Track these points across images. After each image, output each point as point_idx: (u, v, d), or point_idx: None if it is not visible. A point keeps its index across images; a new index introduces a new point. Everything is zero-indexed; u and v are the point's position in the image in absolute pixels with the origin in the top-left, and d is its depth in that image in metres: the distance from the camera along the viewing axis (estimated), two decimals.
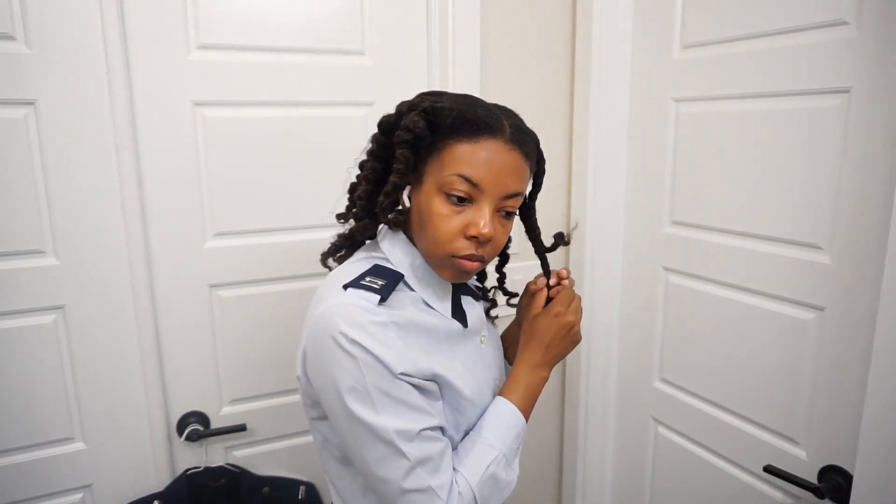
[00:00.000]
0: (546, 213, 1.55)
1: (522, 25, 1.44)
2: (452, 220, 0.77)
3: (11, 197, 1.08)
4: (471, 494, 0.78)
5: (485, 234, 0.76)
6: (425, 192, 0.79)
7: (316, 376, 0.77)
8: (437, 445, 0.77)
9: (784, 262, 1.13)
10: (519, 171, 0.79)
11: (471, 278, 0.85)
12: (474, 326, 0.90)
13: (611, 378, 1.58)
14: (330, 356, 0.74)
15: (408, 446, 0.74)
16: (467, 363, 0.85)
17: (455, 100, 0.80)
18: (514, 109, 0.85)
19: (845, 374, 1.05)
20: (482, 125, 0.76)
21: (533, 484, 1.70)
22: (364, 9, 1.30)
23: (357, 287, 0.77)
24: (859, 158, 0.99)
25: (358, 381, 0.73)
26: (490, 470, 0.81)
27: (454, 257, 0.78)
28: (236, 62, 1.21)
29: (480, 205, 0.77)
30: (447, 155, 0.77)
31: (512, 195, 0.78)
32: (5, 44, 1.04)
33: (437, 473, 0.76)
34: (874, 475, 0.95)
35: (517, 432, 0.86)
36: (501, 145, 0.76)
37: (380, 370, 0.73)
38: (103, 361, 1.19)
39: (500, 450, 0.83)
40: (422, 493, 0.75)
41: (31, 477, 1.16)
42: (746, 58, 1.15)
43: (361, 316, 0.74)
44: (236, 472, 1.30)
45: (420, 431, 0.75)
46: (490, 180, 0.76)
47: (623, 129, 1.45)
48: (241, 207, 1.26)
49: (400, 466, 0.74)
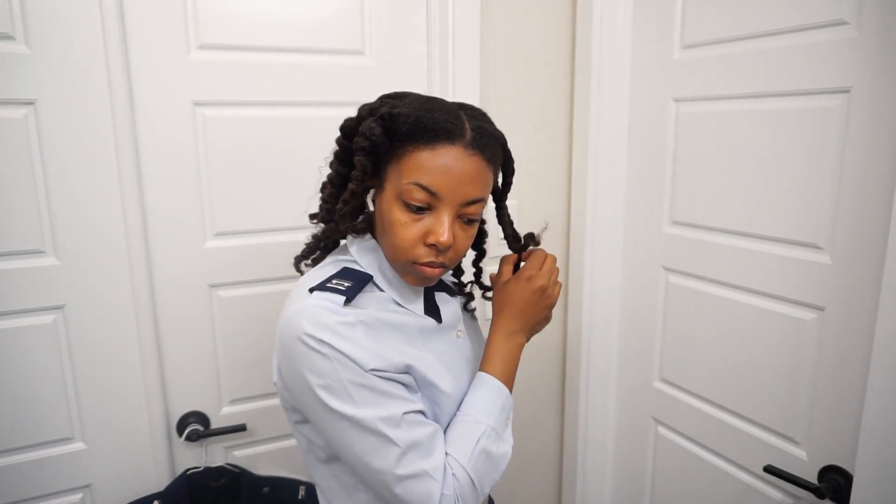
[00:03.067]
0: (546, 214, 1.56)
1: (522, 25, 1.44)
2: (411, 228, 0.77)
3: (11, 197, 1.08)
4: (465, 474, 0.78)
5: (443, 243, 0.76)
6: (386, 199, 0.79)
7: (290, 381, 0.77)
8: (424, 429, 0.77)
9: (784, 262, 1.12)
10: (480, 176, 0.77)
11: (434, 283, 0.85)
12: (449, 321, 0.90)
13: (611, 378, 1.58)
14: (300, 359, 0.74)
15: (395, 432, 0.74)
16: (443, 358, 0.85)
17: (414, 104, 0.78)
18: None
19: (845, 374, 1.05)
20: (440, 131, 0.74)
21: (533, 484, 1.70)
22: (364, 9, 1.30)
23: (322, 290, 0.77)
24: (859, 158, 0.99)
25: (332, 378, 0.73)
26: (480, 445, 0.80)
27: (415, 264, 0.78)
28: (236, 62, 1.21)
29: (439, 212, 0.76)
30: (405, 162, 0.76)
31: (472, 202, 0.78)
32: (5, 44, 1.04)
33: (430, 457, 0.76)
34: (874, 475, 0.95)
35: (501, 403, 0.84)
36: (461, 151, 0.75)
37: (351, 367, 0.73)
38: (103, 361, 1.19)
39: (486, 424, 0.81)
40: (417, 479, 0.74)
41: (31, 477, 1.16)
42: (746, 58, 1.15)
43: (327, 317, 0.74)
44: (236, 472, 1.30)
45: (403, 415, 0.75)
46: (449, 188, 0.75)
47: (623, 129, 1.45)
48: (241, 207, 1.26)
49: (391, 454, 0.74)
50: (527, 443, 1.65)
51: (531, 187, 1.51)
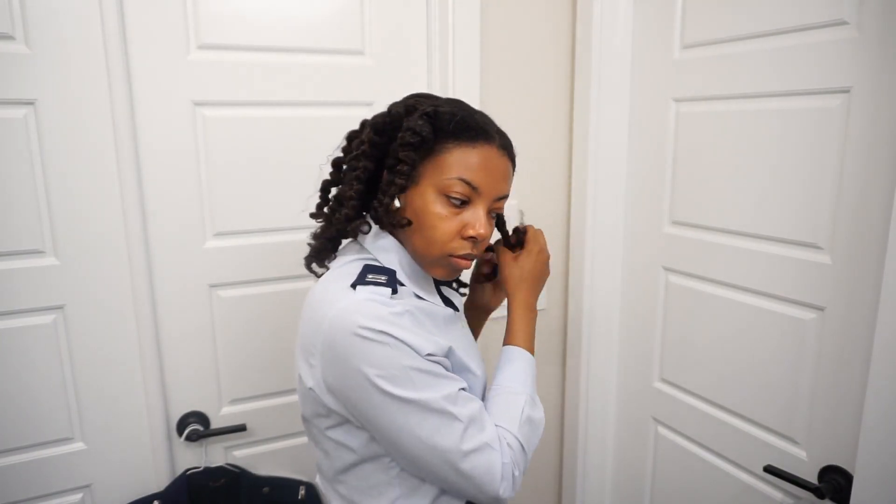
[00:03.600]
0: (546, 213, 1.56)
1: (522, 25, 1.44)
2: (451, 222, 0.81)
3: (11, 197, 1.08)
4: (517, 442, 0.82)
5: (483, 235, 0.81)
6: (421, 194, 0.82)
7: (342, 380, 0.76)
8: (475, 404, 0.81)
9: (784, 262, 1.12)
10: (508, 174, 0.85)
11: (459, 275, 0.91)
12: (461, 312, 0.96)
13: (611, 378, 1.58)
14: (356, 354, 0.74)
15: (456, 408, 0.77)
16: (461, 344, 0.88)
17: (451, 105, 0.84)
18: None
19: (845, 374, 1.05)
20: (480, 131, 0.81)
21: (533, 484, 1.69)
22: (364, 9, 1.30)
23: (365, 284, 0.79)
24: (859, 158, 0.99)
25: (392, 366, 0.74)
26: (525, 414, 0.85)
27: (451, 256, 0.82)
28: (236, 62, 1.21)
29: (476, 207, 0.82)
30: (447, 158, 0.80)
31: (502, 197, 0.85)
32: (5, 44, 1.04)
33: (485, 429, 0.79)
34: (874, 475, 0.95)
35: (532, 372, 0.91)
36: (495, 151, 0.82)
37: (410, 353, 0.75)
38: (103, 361, 1.18)
39: (525, 393, 0.87)
40: (480, 452, 0.78)
41: (31, 477, 1.16)
42: (746, 58, 1.15)
43: (380, 309, 0.76)
44: (236, 472, 1.30)
45: (459, 391, 0.79)
46: (487, 183, 0.81)
47: (623, 129, 1.45)
48: (241, 207, 1.26)
49: (456, 430, 0.76)
50: None
51: (531, 187, 1.51)
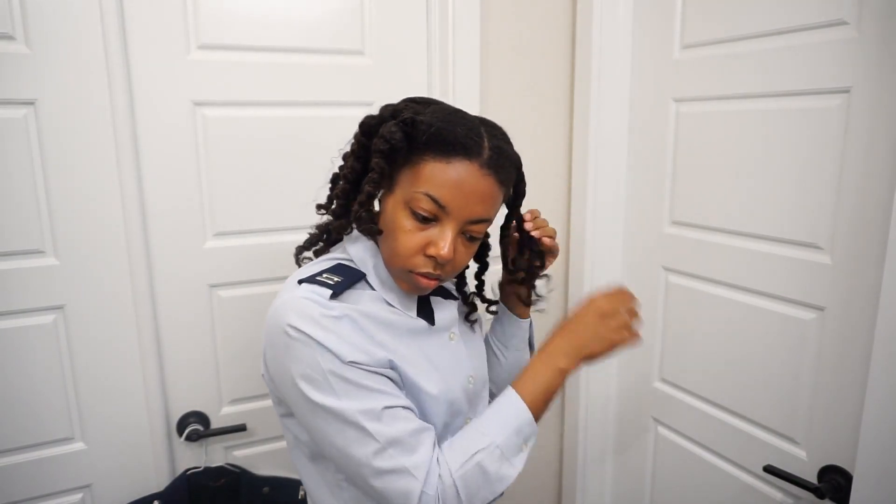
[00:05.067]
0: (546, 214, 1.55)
1: (522, 25, 1.44)
2: (414, 237, 0.77)
3: (11, 197, 1.08)
4: (451, 481, 0.74)
5: (443, 256, 0.76)
6: (392, 203, 0.79)
7: (275, 371, 0.79)
8: (407, 425, 0.75)
9: (784, 262, 1.12)
10: (490, 197, 0.77)
11: (427, 293, 0.84)
12: (443, 324, 0.88)
13: (611, 378, 1.58)
14: (283, 349, 0.75)
15: (375, 425, 0.73)
16: (432, 357, 0.84)
17: (438, 114, 0.77)
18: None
19: (845, 374, 1.05)
20: (458, 146, 0.74)
21: (533, 484, 1.70)
22: (364, 9, 1.30)
23: (311, 282, 0.78)
24: (859, 158, 0.99)
25: (313, 369, 0.73)
26: (477, 458, 0.76)
27: (411, 272, 0.78)
28: (236, 62, 1.21)
29: (444, 226, 0.76)
30: (419, 170, 0.75)
31: (478, 220, 0.78)
32: (5, 44, 1.04)
33: (412, 454, 0.74)
34: (874, 475, 0.95)
35: (517, 425, 0.79)
36: (476, 169, 0.75)
37: (330, 358, 0.73)
38: (103, 361, 1.19)
39: (492, 440, 0.77)
40: (396, 474, 0.73)
41: (31, 477, 1.16)
42: (746, 58, 1.15)
43: (311, 308, 0.75)
44: (236, 472, 1.30)
45: (384, 409, 0.74)
46: (457, 203, 0.75)
47: (623, 129, 1.45)
48: (241, 207, 1.26)
49: (369, 448, 0.73)
50: None
51: (531, 187, 1.50)
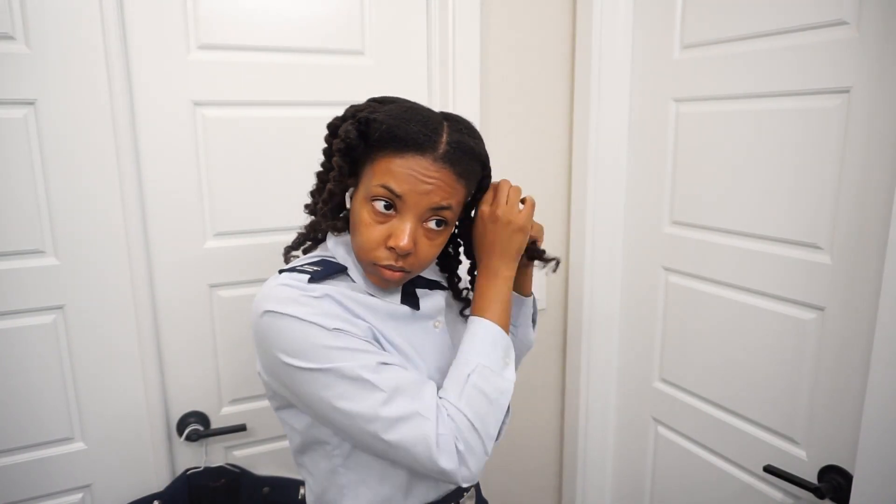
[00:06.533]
0: (546, 213, 1.56)
1: (522, 25, 1.44)
2: (375, 230, 0.79)
3: (11, 197, 1.08)
4: (460, 414, 0.76)
5: (401, 247, 0.77)
6: (357, 200, 0.82)
7: (264, 360, 0.80)
8: (408, 375, 0.77)
9: (784, 262, 1.12)
10: (447, 186, 0.78)
11: (394, 286, 0.85)
12: (427, 311, 0.89)
13: (611, 378, 1.58)
14: (268, 334, 0.77)
15: (376, 376, 0.74)
16: (414, 343, 0.85)
17: (393, 112, 0.79)
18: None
19: (845, 374, 1.05)
20: (410, 142, 0.76)
21: (533, 484, 1.70)
22: (364, 9, 1.30)
23: (290, 271, 0.81)
24: (859, 158, 0.99)
25: (300, 343, 0.75)
26: (470, 382, 0.78)
27: (375, 265, 0.80)
28: (236, 62, 1.21)
29: (403, 217, 0.78)
30: (375, 166, 0.78)
31: (437, 208, 0.78)
32: (5, 44, 1.04)
33: (418, 399, 0.75)
34: (874, 475, 0.95)
35: (492, 339, 0.83)
36: (429, 163, 0.76)
37: (315, 329, 0.75)
38: (103, 361, 1.19)
39: (476, 362, 0.80)
40: (407, 420, 0.74)
41: (31, 477, 1.16)
42: (746, 58, 1.15)
43: (289, 291, 0.77)
44: (236, 472, 1.30)
45: (380, 364, 0.76)
46: (413, 193, 0.77)
47: (623, 129, 1.45)
48: (241, 207, 1.26)
49: (376, 398, 0.74)
50: (527, 442, 1.65)
51: (531, 187, 1.51)
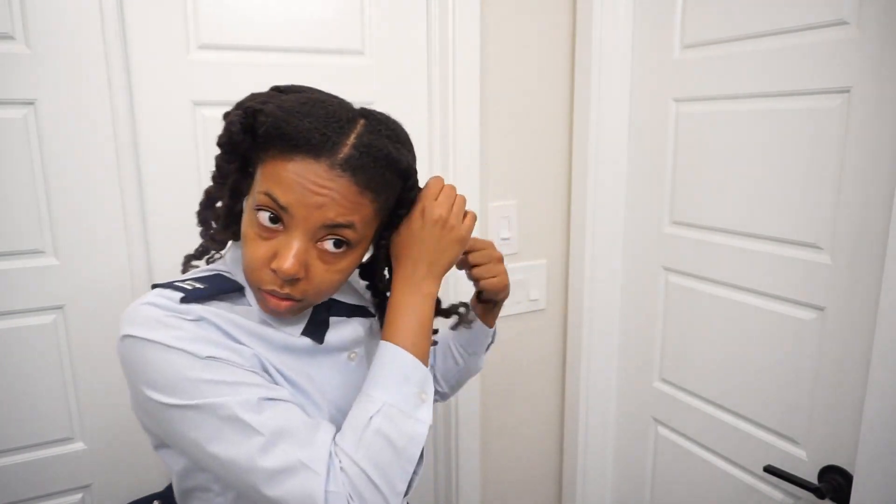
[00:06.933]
0: (546, 213, 1.56)
1: (522, 25, 1.44)
2: (260, 247, 0.65)
3: (11, 197, 1.08)
4: (354, 466, 0.62)
5: (284, 270, 0.63)
6: (246, 209, 0.68)
7: (130, 390, 0.66)
8: (297, 415, 0.64)
9: (784, 262, 1.12)
10: (345, 200, 0.63)
11: (287, 317, 0.70)
12: (339, 343, 0.76)
13: (611, 378, 1.58)
14: (129, 363, 0.64)
15: (255, 417, 0.61)
16: (317, 379, 0.72)
17: (289, 104, 0.64)
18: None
19: (845, 374, 1.05)
20: (300, 141, 0.61)
21: (533, 484, 1.70)
22: (364, 9, 1.30)
23: (164, 287, 0.67)
24: (859, 158, 0.99)
25: (164, 375, 0.61)
26: (373, 425, 0.64)
27: (260, 290, 0.66)
28: (236, 62, 1.21)
29: (290, 234, 0.64)
30: (263, 168, 0.65)
31: (333, 226, 0.64)
32: (5, 44, 1.04)
33: (308, 447, 0.62)
34: (874, 475, 0.95)
35: (405, 373, 0.68)
36: (323, 170, 0.62)
37: (183, 359, 0.61)
38: (103, 361, 1.18)
39: (381, 400, 0.66)
40: (290, 472, 0.60)
41: (31, 477, 1.16)
42: (746, 58, 1.15)
43: (155, 312, 0.63)
44: None
45: (262, 399, 0.62)
46: (301, 206, 0.62)
47: (623, 129, 1.45)
48: None
49: (254, 444, 0.61)
50: (526, 443, 1.65)
51: (531, 187, 1.51)
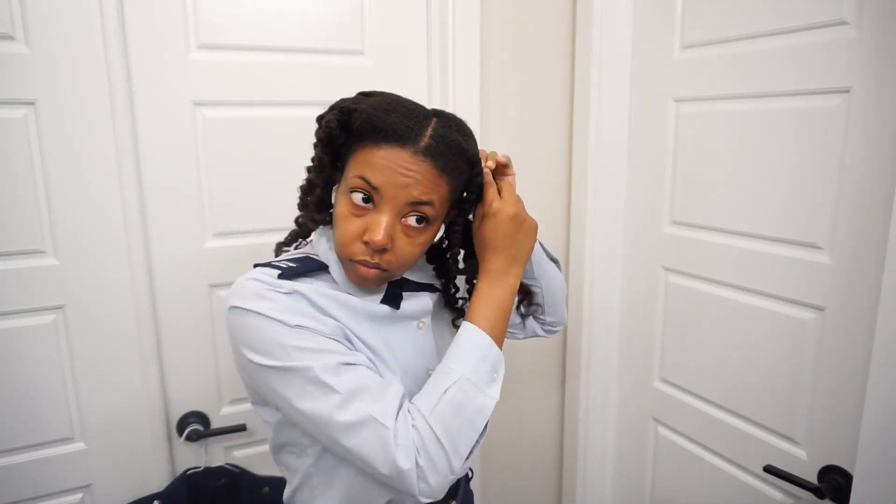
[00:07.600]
0: (546, 213, 1.56)
1: (522, 25, 1.44)
2: (352, 223, 0.76)
3: (11, 197, 1.08)
4: (426, 426, 0.72)
5: (376, 242, 0.73)
6: (339, 193, 0.80)
7: (235, 355, 0.79)
8: (371, 377, 0.74)
9: (784, 262, 1.12)
10: (427, 181, 0.74)
11: (374, 286, 0.82)
12: (410, 312, 0.86)
13: (611, 378, 1.58)
14: (233, 330, 0.76)
15: (334, 378, 0.71)
16: (392, 344, 0.82)
17: (376, 103, 0.77)
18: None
19: (845, 374, 1.05)
20: (389, 133, 0.73)
21: (533, 483, 1.70)
22: (364, 9, 1.30)
23: (263, 266, 0.79)
24: (859, 158, 0.99)
25: (261, 339, 0.73)
26: (449, 394, 0.73)
27: (351, 261, 0.77)
28: (236, 62, 1.21)
29: (380, 210, 0.75)
30: (356, 157, 0.76)
31: (416, 202, 0.75)
32: (5, 44, 1.04)
33: (378, 402, 0.72)
34: (874, 475, 0.95)
35: (482, 352, 0.78)
36: (408, 156, 0.73)
37: (275, 326, 0.73)
38: (103, 361, 1.18)
39: (459, 373, 0.75)
40: (363, 425, 0.70)
41: (31, 477, 1.16)
42: (746, 58, 1.15)
43: (256, 286, 0.75)
44: (236, 473, 1.30)
45: (340, 364, 0.73)
46: (390, 185, 0.73)
47: (623, 129, 1.45)
48: (241, 207, 1.26)
49: (332, 401, 0.71)
50: (526, 442, 1.65)
51: (531, 187, 1.51)
